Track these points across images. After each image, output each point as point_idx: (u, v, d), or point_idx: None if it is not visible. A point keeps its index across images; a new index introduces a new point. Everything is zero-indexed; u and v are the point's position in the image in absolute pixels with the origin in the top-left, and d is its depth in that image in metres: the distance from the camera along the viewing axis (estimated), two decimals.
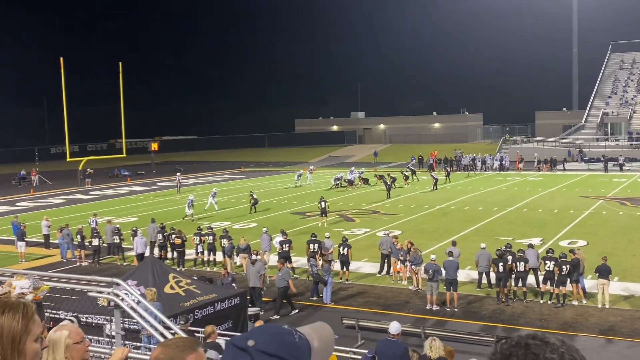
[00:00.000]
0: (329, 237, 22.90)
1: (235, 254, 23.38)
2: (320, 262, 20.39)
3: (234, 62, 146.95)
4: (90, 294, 7.99)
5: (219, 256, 24.06)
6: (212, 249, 24.25)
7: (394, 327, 11.30)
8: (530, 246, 20.68)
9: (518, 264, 18.78)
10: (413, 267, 20.36)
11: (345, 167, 61.47)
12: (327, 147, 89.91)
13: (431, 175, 46.94)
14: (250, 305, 17.64)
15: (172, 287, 15.26)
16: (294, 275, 22.36)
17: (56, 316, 10.87)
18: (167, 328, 8.49)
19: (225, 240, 23.60)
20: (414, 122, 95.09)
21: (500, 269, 18.63)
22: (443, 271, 18.73)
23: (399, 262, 21.29)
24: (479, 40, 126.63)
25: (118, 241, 25.75)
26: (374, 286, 21.09)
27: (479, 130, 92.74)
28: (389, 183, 41.84)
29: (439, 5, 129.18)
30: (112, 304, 7.63)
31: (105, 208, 40.22)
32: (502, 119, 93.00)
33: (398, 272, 21.51)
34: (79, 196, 48.53)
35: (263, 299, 19.23)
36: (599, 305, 18.03)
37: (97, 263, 25.34)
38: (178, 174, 52.22)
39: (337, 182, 48.02)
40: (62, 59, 46.30)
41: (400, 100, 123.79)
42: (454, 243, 21.64)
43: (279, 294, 18.69)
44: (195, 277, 17.83)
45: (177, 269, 22.19)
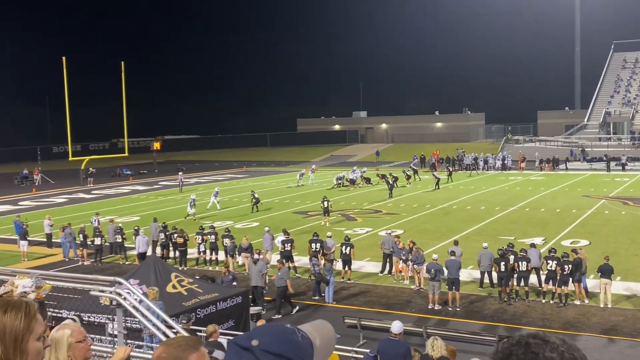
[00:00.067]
0: (331, 237, 22.91)
1: (237, 253, 23.39)
2: (322, 262, 20.39)
3: (236, 62, 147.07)
4: (92, 293, 7.99)
5: (221, 255, 24.07)
6: (214, 248, 24.27)
7: (396, 327, 11.29)
8: (533, 246, 20.66)
9: (520, 263, 18.77)
10: (415, 266, 20.36)
11: (347, 166, 61.49)
12: (329, 147, 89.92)
13: (433, 175, 46.91)
14: (252, 304, 17.66)
15: (174, 286, 15.27)
16: (296, 275, 22.38)
17: (58, 315, 10.87)
18: (169, 327, 8.49)
19: (227, 239, 23.62)
20: (416, 121, 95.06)
21: (502, 269, 18.63)
22: (445, 270, 18.73)
23: (401, 261, 21.29)
24: (481, 39, 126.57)
25: (120, 240, 25.77)
26: (376, 285, 21.09)
27: (481, 129, 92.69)
28: (391, 182, 41.84)
29: (441, 4, 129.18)
30: (114, 303, 7.64)
31: (107, 207, 40.26)
32: (505, 118, 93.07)
33: (400, 272, 21.51)
34: (81, 195, 48.57)
35: (265, 298, 19.24)
36: (601, 305, 18.02)
37: (99, 262, 25.36)
38: (180, 173, 52.26)
39: (339, 182, 48.02)
40: (64, 58, 46.35)
41: (402, 99, 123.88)
42: (456, 242, 21.63)
43: (278, 294, 18.71)
44: (197, 277, 17.85)
45: (179, 268, 22.21)
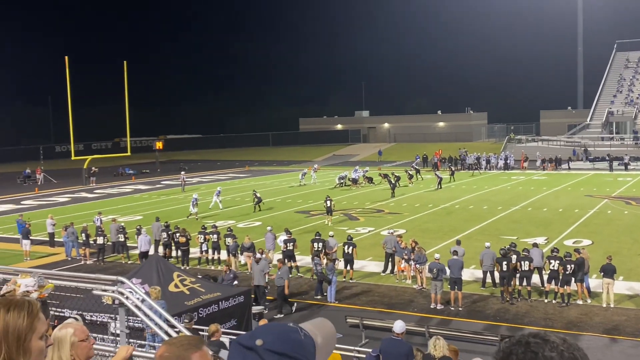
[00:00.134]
0: (333, 236, 22.91)
1: (239, 252, 23.40)
2: (325, 261, 20.39)
3: (238, 61, 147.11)
4: (94, 292, 8.00)
5: (223, 255, 24.08)
6: (216, 247, 24.28)
7: (399, 326, 11.28)
8: (535, 245, 20.64)
9: (522, 263, 18.75)
10: (417, 266, 20.35)
11: (349, 165, 61.50)
12: (331, 146, 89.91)
13: (435, 174, 46.90)
14: (254, 303, 17.67)
15: (176, 286, 15.28)
16: (298, 274, 22.39)
17: (61, 314, 10.89)
18: (172, 326, 8.50)
19: (229, 238, 23.63)
20: (418, 121, 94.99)
21: (504, 268, 18.61)
22: (447, 270, 18.72)
23: (403, 261, 21.28)
24: (484, 38, 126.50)
25: (123, 239, 25.79)
26: (378, 285, 21.09)
27: (483, 129, 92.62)
28: (393, 182, 41.83)
29: (443, 4, 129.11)
30: (116, 302, 7.65)
31: (109, 206, 40.30)
32: (507, 117, 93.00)
33: (402, 271, 21.51)
34: (84, 195, 48.62)
35: (267, 297, 19.24)
36: (604, 305, 17.99)
37: (101, 261, 25.37)
38: (182, 172, 52.32)
39: (342, 181, 48.03)
40: (66, 57, 46.40)
41: (404, 99, 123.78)
42: (458, 242, 21.61)
43: (279, 293, 18.71)
44: (199, 276, 17.86)
45: (182, 267, 22.23)
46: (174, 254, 25.18)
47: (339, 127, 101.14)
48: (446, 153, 63.84)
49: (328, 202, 32.18)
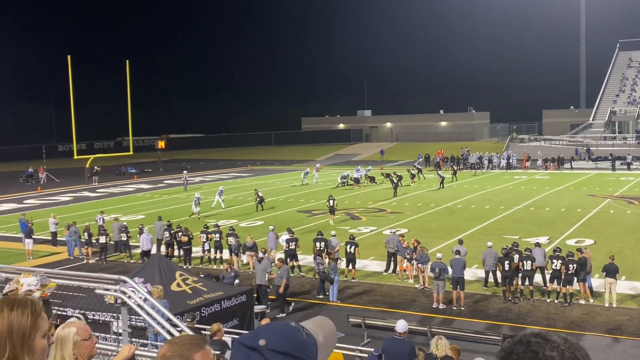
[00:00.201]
0: (335, 235, 22.90)
1: (241, 251, 23.41)
2: (327, 260, 20.39)
3: (240, 60, 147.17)
4: (97, 291, 8.01)
5: (225, 254, 24.09)
6: (218, 246, 24.30)
7: (401, 326, 11.29)
8: (537, 245, 20.62)
9: (525, 262, 18.73)
10: (419, 265, 20.33)
11: (351, 165, 61.50)
12: (333, 145, 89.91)
13: (438, 174, 46.87)
14: (256, 303, 17.67)
15: (178, 285, 15.29)
16: (300, 273, 22.39)
17: (63, 313, 10.90)
18: (174, 325, 8.51)
19: (231, 238, 23.65)
20: (420, 120, 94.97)
21: (506, 268, 18.60)
22: (449, 269, 18.71)
23: (405, 260, 21.27)
24: (486, 38, 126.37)
25: (125, 239, 25.80)
26: (381, 284, 21.08)
27: (486, 128, 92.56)
28: (395, 181, 41.83)
29: (446, 3, 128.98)
30: (119, 301, 7.66)
31: (112, 206, 40.34)
32: (509, 117, 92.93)
33: (404, 271, 21.49)
34: (86, 194, 48.67)
35: (269, 296, 19.24)
36: (606, 304, 17.97)
37: (104, 260, 25.40)
38: (185, 171, 52.33)
39: (344, 180, 48.01)
40: (69, 57, 46.45)
41: (406, 98, 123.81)
42: (460, 241, 21.60)
43: (279, 292, 18.68)
44: (201, 275, 17.87)
45: (184, 266, 22.25)
46: (176, 253, 25.20)
47: (341, 126, 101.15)
48: (448, 152, 63.81)
49: (331, 202, 32.19)
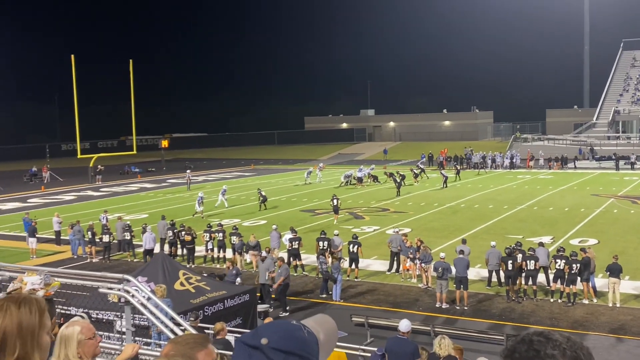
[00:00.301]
0: (338, 235, 22.89)
1: (244, 250, 23.42)
2: (330, 260, 20.39)
3: (243, 60, 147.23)
4: (100, 290, 8.03)
5: (228, 253, 24.12)
6: (222, 245, 24.33)
7: (404, 325, 11.28)
8: (541, 244, 20.60)
9: (528, 262, 18.71)
10: (423, 265, 20.32)
11: (354, 164, 61.49)
12: (336, 145, 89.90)
13: (441, 173, 46.84)
14: (260, 302, 17.68)
15: (182, 284, 15.32)
16: (304, 273, 22.40)
17: (67, 312, 10.93)
18: (177, 324, 8.52)
19: (234, 237, 23.67)
20: (423, 119, 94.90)
21: (510, 267, 18.59)
22: (453, 269, 18.70)
23: (408, 259, 21.27)
24: (490, 37, 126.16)
25: (129, 238, 25.85)
26: (384, 284, 21.08)
27: (489, 128, 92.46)
28: (398, 181, 41.81)
29: (449, 3, 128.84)
30: (122, 300, 7.68)
31: (115, 205, 40.39)
32: (513, 116, 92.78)
33: (407, 270, 21.50)
34: (90, 193, 48.76)
35: (272, 295, 19.24)
36: (610, 304, 17.95)
37: (107, 259, 25.45)
38: (188, 171, 52.36)
39: (347, 179, 47.98)
40: (72, 56, 46.50)
41: (410, 97, 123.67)
42: (464, 241, 21.58)
43: (280, 292, 18.68)
44: (205, 274, 17.89)
45: (187, 265, 22.27)
46: (179, 252, 25.23)
47: (345, 125, 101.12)
48: (452, 152, 63.79)
49: (335, 201, 32.20)
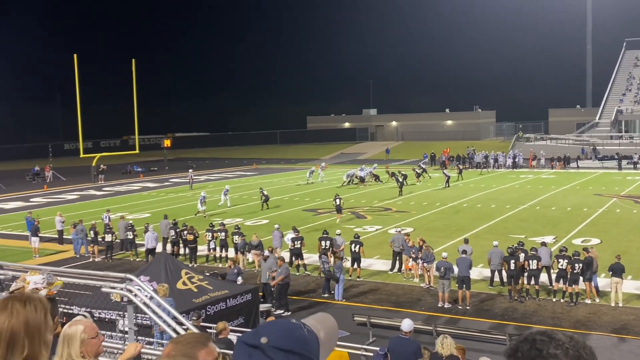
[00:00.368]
0: (340, 234, 22.89)
1: (247, 250, 23.43)
2: (332, 259, 20.39)
3: (246, 59, 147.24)
4: (103, 289, 8.05)
5: (230, 252, 24.13)
6: (224, 245, 24.34)
7: (407, 325, 11.28)
8: (543, 244, 20.58)
9: (530, 261, 18.70)
10: (425, 264, 20.32)
11: (357, 164, 61.47)
12: (338, 144, 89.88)
13: (443, 173, 46.80)
14: (262, 301, 17.69)
15: (184, 283, 15.33)
16: (306, 272, 22.40)
17: (69, 311, 10.94)
18: (180, 324, 8.53)
19: (237, 236, 23.68)
20: (426, 119, 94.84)
21: (512, 267, 18.58)
22: (455, 268, 18.69)
23: (410, 259, 21.26)
24: (492, 37, 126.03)
25: (131, 237, 25.87)
26: (386, 283, 21.08)
27: (491, 127, 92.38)
28: (400, 180, 41.79)
29: (452, 2, 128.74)
30: (125, 299, 7.69)
31: (118, 204, 40.43)
32: (515, 116, 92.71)
33: (410, 270, 21.49)
34: (92, 192, 48.81)
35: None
36: (612, 304, 17.92)
37: (110, 259, 25.48)
38: (190, 170, 52.39)
39: (350, 178, 47.93)
40: (75, 55, 46.53)
41: (412, 97, 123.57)
42: (466, 240, 21.56)
43: (281, 291, 18.67)
44: (207, 273, 17.90)
45: (190, 265, 22.29)
46: (181, 251, 25.26)
47: (347, 125, 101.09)
48: (454, 151, 63.72)
49: (337, 201, 32.22)
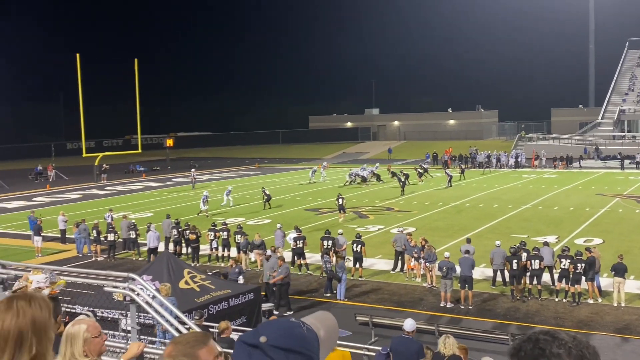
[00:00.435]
0: (342, 234, 22.90)
1: (249, 249, 23.44)
2: (334, 259, 20.39)
3: (248, 59, 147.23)
4: (105, 288, 8.05)
5: (233, 252, 24.15)
6: (226, 244, 24.36)
7: (409, 324, 11.28)
8: (546, 244, 20.57)
9: (533, 261, 18.69)
10: (427, 264, 20.32)
11: (359, 163, 61.45)
12: (341, 144, 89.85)
13: (446, 172, 46.77)
14: (265, 298, 17.69)
15: (186, 283, 15.34)
16: (308, 272, 22.41)
17: (72, 311, 10.96)
18: (182, 323, 8.54)
19: (239, 236, 23.69)
20: (428, 118, 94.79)
21: (514, 267, 18.57)
22: (457, 268, 18.68)
23: (413, 259, 21.26)
24: (495, 36, 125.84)
25: (134, 236, 25.90)
26: (388, 283, 21.08)
27: (494, 127, 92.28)
28: (402, 180, 41.77)
29: (454, 1, 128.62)
30: (127, 298, 7.69)
31: (120, 203, 40.47)
32: (518, 115, 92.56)
33: (412, 269, 21.48)
34: (95, 191, 48.87)
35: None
36: (615, 304, 17.91)
37: (112, 258, 25.51)
38: (193, 170, 52.42)
39: (352, 177, 47.91)
40: (78, 55, 46.59)
41: (414, 96, 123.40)
42: (468, 240, 21.56)
43: (282, 291, 18.68)
44: (209, 273, 17.92)
45: (192, 264, 22.30)
46: (184, 250, 25.28)
47: (349, 124, 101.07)
48: (456, 151, 63.68)
49: (340, 200, 32.24)
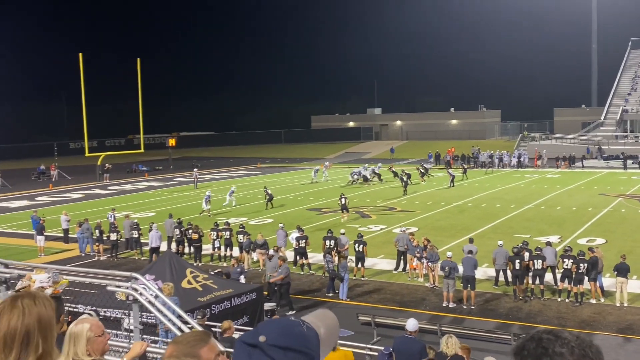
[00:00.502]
0: (344, 234, 22.90)
1: (252, 249, 23.45)
2: (337, 258, 20.39)
3: (250, 58, 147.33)
4: (108, 288, 8.06)
5: (235, 251, 24.16)
6: (229, 244, 24.38)
7: (412, 324, 11.28)
8: (548, 244, 20.55)
9: (535, 261, 18.67)
10: (429, 264, 20.31)
11: (361, 163, 61.45)
12: (343, 144, 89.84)
13: (448, 172, 46.75)
14: (267, 298, 17.69)
15: (189, 282, 15.36)
16: (310, 271, 22.41)
17: (75, 310, 10.96)
18: (185, 322, 8.55)
19: (241, 235, 23.70)
20: (431, 118, 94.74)
21: (517, 267, 18.56)
22: (460, 268, 18.67)
23: (415, 259, 21.25)
24: (497, 35, 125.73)
25: (136, 236, 25.93)
26: (390, 283, 21.07)
27: (496, 126, 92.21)
28: (405, 180, 41.76)
29: (456, 1, 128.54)
30: (130, 298, 7.70)
31: (123, 203, 40.51)
32: (520, 115, 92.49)
33: (414, 269, 21.48)
34: (98, 191, 48.92)
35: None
36: (617, 304, 17.88)
37: (115, 257, 25.54)
38: (195, 169, 52.45)
39: (355, 177, 47.88)
40: (80, 55, 46.63)
41: (417, 96, 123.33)
42: (471, 240, 21.55)
43: (282, 291, 18.67)
44: (212, 272, 17.93)
45: (194, 264, 22.31)
46: (186, 250, 25.29)
47: (351, 124, 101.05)
48: (459, 151, 63.66)
49: (343, 200, 32.26)
